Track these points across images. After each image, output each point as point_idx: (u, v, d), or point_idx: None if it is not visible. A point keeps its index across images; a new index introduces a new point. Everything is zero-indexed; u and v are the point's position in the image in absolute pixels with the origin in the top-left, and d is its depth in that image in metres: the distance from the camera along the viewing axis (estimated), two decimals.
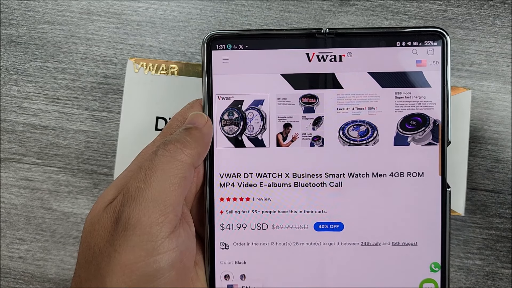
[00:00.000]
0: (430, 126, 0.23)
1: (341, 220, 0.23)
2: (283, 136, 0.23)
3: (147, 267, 0.18)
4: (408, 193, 0.23)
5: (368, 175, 0.23)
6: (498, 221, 0.34)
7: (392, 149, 0.23)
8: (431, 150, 0.23)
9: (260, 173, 0.23)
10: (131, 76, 0.29)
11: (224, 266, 0.24)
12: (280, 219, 0.23)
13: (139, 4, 0.35)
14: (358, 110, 0.23)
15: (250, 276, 0.24)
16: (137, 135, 0.29)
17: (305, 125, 0.23)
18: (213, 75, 0.23)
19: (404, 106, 0.23)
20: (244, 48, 0.23)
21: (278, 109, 0.23)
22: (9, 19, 0.36)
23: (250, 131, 0.23)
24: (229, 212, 0.24)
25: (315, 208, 0.23)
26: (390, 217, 0.23)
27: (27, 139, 0.35)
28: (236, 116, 0.23)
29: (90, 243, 0.19)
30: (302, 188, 0.23)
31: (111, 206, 0.20)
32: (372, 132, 0.23)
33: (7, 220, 0.35)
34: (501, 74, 0.34)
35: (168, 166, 0.20)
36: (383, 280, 0.23)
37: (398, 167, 0.23)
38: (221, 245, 0.24)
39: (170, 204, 0.19)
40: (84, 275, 0.19)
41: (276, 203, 0.23)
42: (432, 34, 0.23)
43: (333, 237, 0.23)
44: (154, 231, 0.19)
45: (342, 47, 0.23)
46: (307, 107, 0.23)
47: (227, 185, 0.24)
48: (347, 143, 0.23)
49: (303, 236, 0.23)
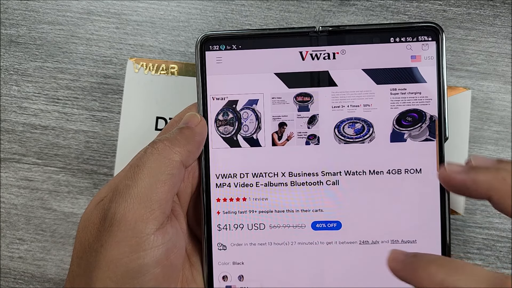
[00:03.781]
0: (426, 122, 0.23)
1: (339, 218, 0.23)
2: (278, 135, 0.23)
3: (131, 263, 0.19)
4: (405, 190, 0.23)
5: (365, 172, 0.23)
6: (498, 221, 0.34)
7: (388, 146, 0.23)
8: (428, 146, 0.23)
9: (256, 173, 0.23)
10: (131, 76, 0.29)
11: (222, 267, 0.24)
12: (277, 219, 0.23)
13: (139, 4, 0.35)
14: (353, 108, 0.23)
15: (248, 276, 0.24)
16: (137, 135, 0.29)
17: (300, 123, 0.23)
18: (207, 76, 0.23)
19: (399, 102, 0.23)
20: (237, 48, 0.23)
21: (273, 108, 0.23)
22: (9, 19, 0.36)
23: (245, 131, 0.23)
24: (226, 213, 0.23)
25: (312, 207, 0.23)
26: (389, 214, 0.23)
27: (27, 139, 0.35)
28: (231, 116, 0.23)
29: (82, 239, 0.20)
30: (299, 187, 0.23)
31: (101, 203, 0.20)
32: (367, 129, 0.23)
33: (7, 220, 0.35)
34: (501, 74, 0.34)
35: (156, 164, 0.20)
36: (382, 280, 0.23)
37: (395, 164, 0.23)
38: (218, 246, 0.24)
39: (156, 201, 0.19)
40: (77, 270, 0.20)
41: (272, 202, 0.23)
42: (426, 29, 0.23)
43: (331, 236, 0.23)
44: (139, 227, 0.19)
45: (336, 44, 0.23)
46: (302, 106, 0.23)
47: (223, 186, 0.23)
48: (342, 141, 0.23)
49: (301, 236, 0.23)
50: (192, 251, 0.24)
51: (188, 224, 0.24)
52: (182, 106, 0.25)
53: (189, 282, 0.23)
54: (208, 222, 0.23)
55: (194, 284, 0.23)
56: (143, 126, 0.29)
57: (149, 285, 0.19)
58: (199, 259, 0.24)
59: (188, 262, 0.23)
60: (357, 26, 0.23)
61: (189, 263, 0.23)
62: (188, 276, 0.23)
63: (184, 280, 0.22)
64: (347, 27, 0.23)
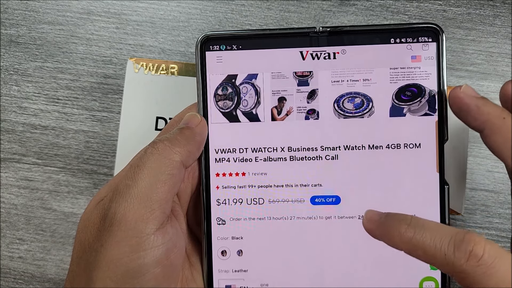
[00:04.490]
0: (426, 96, 0.23)
1: (338, 193, 0.23)
2: (277, 110, 0.23)
3: (131, 263, 0.19)
4: (404, 165, 0.23)
5: (364, 147, 0.23)
6: (498, 221, 0.34)
7: (388, 120, 0.23)
8: (428, 120, 0.23)
9: (256, 148, 0.23)
10: (131, 76, 0.29)
11: (221, 242, 0.23)
12: (276, 194, 0.23)
13: (139, 4, 0.35)
14: (352, 82, 0.23)
15: (247, 251, 0.23)
16: (137, 135, 0.29)
17: (299, 98, 0.23)
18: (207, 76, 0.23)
19: (399, 77, 0.23)
20: (237, 48, 0.23)
21: (272, 83, 0.23)
22: (9, 19, 0.36)
23: (244, 105, 0.23)
24: (225, 188, 0.23)
25: (311, 181, 0.23)
26: (387, 189, 0.23)
27: (27, 139, 0.35)
28: (230, 91, 0.23)
29: (82, 239, 0.20)
30: (298, 162, 0.23)
31: (101, 203, 0.20)
32: (367, 104, 0.23)
33: (7, 220, 0.35)
34: (501, 74, 0.34)
35: (156, 164, 0.20)
36: (381, 255, 0.23)
37: (394, 139, 0.23)
38: (217, 220, 0.23)
39: (156, 201, 0.19)
40: (76, 270, 0.20)
41: (272, 177, 0.23)
42: (427, 30, 0.23)
43: (330, 211, 0.23)
44: (139, 227, 0.19)
45: (336, 45, 0.23)
46: (301, 80, 0.23)
47: (223, 160, 0.23)
48: (342, 116, 0.23)
49: (300, 210, 0.23)
50: (192, 251, 0.24)
51: (187, 224, 0.24)
52: (182, 106, 0.25)
53: (188, 282, 0.23)
54: (207, 196, 0.23)
55: (194, 284, 0.23)
56: (143, 126, 0.29)
57: (149, 285, 0.19)
58: (199, 259, 0.24)
59: (187, 262, 0.23)
60: (358, 26, 0.23)
61: (188, 263, 0.23)
62: (188, 276, 0.23)
63: (184, 280, 0.22)
64: (347, 27, 0.23)
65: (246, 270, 0.23)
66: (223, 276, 0.23)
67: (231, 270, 0.24)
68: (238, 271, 0.24)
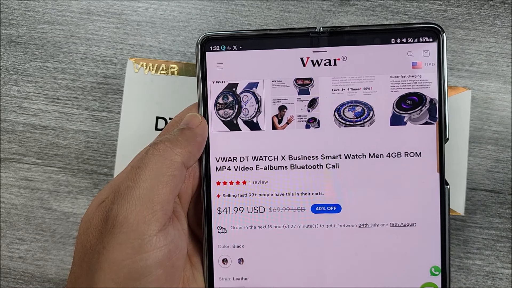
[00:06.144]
0: (426, 105, 0.23)
1: (339, 202, 0.23)
2: (278, 119, 0.23)
3: (134, 265, 0.18)
4: (405, 173, 0.23)
5: (365, 156, 0.23)
6: (498, 221, 0.34)
7: (388, 129, 0.23)
8: (428, 129, 0.23)
9: (256, 156, 0.23)
10: (131, 76, 0.29)
11: (222, 250, 0.24)
12: (277, 202, 0.23)
13: (139, 4, 0.35)
14: (353, 91, 0.23)
15: (248, 259, 0.23)
16: (137, 135, 0.29)
17: (300, 107, 0.23)
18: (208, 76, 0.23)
19: (400, 85, 0.23)
20: (238, 49, 0.23)
21: (273, 91, 0.23)
22: (9, 19, 0.36)
23: (245, 114, 0.23)
24: (226, 196, 0.23)
25: (312, 190, 0.23)
26: (388, 198, 0.23)
27: (27, 139, 0.35)
28: (230, 99, 0.23)
29: (83, 241, 0.20)
30: (299, 171, 0.23)
31: (102, 204, 0.20)
32: (368, 113, 0.23)
33: (7, 220, 0.35)
34: (501, 74, 0.34)
35: (157, 165, 0.20)
36: (382, 263, 0.23)
37: (395, 147, 0.23)
38: (218, 229, 0.24)
39: (158, 202, 0.19)
40: (78, 272, 0.20)
41: (272, 186, 0.23)
42: (427, 30, 0.23)
43: (330, 219, 0.23)
44: (141, 229, 0.19)
45: (337, 45, 0.23)
46: (302, 89, 0.23)
47: (224, 169, 0.23)
48: (343, 124, 0.23)
49: (301, 219, 0.23)
50: (193, 252, 0.24)
51: (188, 224, 0.24)
52: (182, 106, 0.24)
53: (190, 282, 0.23)
54: (208, 205, 0.23)
55: (195, 284, 0.23)
56: (143, 126, 0.29)
57: (151, 286, 0.19)
58: (200, 259, 0.24)
59: (189, 262, 0.23)
60: (358, 26, 0.23)
61: (190, 263, 0.23)
62: (189, 276, 0.23)
63: (185, 280, 0.22)
64: (347, 27, 0.23)
65: (247, 278, 0.24)
66: (224, 284, 0.23)
67: (232, 278, 0.24)
68: (239, 279, 0.24)
